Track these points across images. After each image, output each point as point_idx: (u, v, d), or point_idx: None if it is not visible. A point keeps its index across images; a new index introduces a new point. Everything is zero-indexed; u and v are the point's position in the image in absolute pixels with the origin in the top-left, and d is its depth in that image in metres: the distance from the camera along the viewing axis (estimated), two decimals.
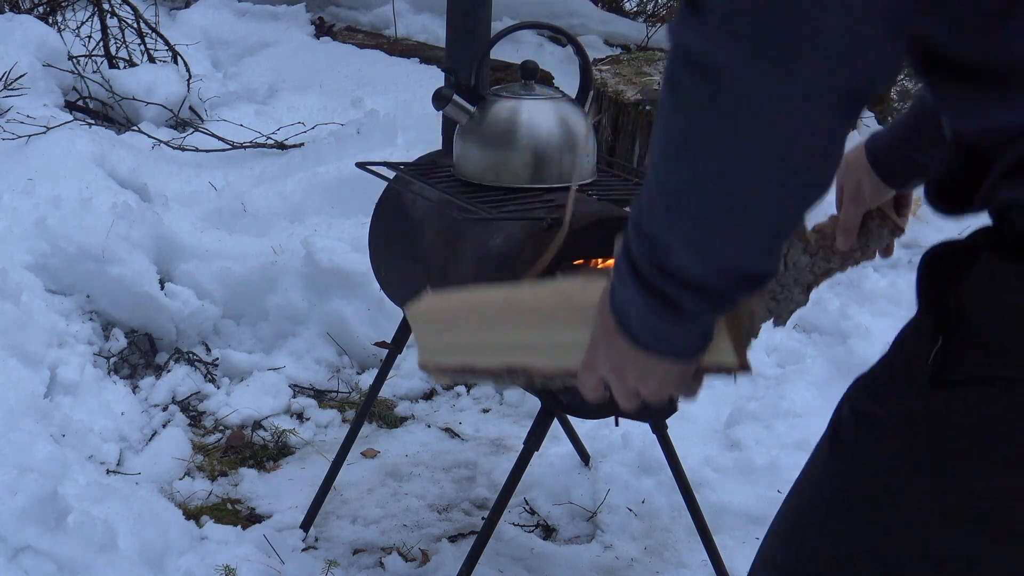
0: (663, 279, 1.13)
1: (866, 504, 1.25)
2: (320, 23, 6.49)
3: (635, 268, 1.15)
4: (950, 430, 1.15)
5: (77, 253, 3.75)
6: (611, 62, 5.36)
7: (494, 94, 2.51)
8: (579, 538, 3.07)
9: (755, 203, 1.07)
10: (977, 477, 1.14)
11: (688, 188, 1.08)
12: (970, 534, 1.17)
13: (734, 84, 1.03)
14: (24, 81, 4.72)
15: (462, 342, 1.56)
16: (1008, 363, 1.10)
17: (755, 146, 1.05)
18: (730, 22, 1.03)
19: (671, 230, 1.10)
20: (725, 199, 1.07)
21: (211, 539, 2.95)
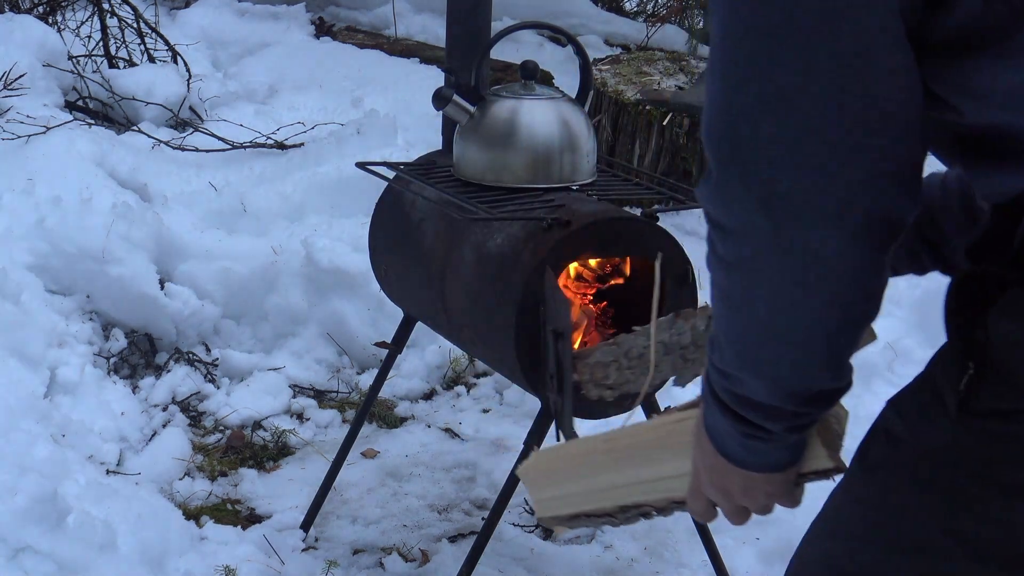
0: (743, 407, 1.20)
1: (884, 525, 1.25)
2: (320, 23, 6.49)
3: (718, 398, 1.23)
4: (971, 458, 1.15)
5: (77, 253, 3.75)
6: (611, 62, 5.36)
7: (494, 94, 2.51)
8: (579, 538, 3.07)
9: (811, 339, 1.14)
10: (990, 505, 1.15)
11: (745, 333, 1.17)
12: (979, 561, 1.17)
13: (756, 241, 1.09)
14: (24, 81, 4.72)
15: (573, 491, 1.62)
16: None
17: (794, 292, 1.11)
18: (741, 184, 1.08)
19: (740, 367, 1.18)
20: (781, 340, 1.15)
21: (211, 539, 2.95)
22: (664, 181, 2.74)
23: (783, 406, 1.19)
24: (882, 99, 1.04)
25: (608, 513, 1.59)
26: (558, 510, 1.67)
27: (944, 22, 1.07)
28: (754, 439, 1.23)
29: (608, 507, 1.58)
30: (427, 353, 3.90)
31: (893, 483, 1.25)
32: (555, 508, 1.67)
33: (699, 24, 7.47)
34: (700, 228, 4.80)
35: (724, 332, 1.19)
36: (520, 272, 2.30)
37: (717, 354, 1.20)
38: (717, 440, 1.28)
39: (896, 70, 1.05)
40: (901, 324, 4.07)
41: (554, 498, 1.67)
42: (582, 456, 1.63)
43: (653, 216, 2.41)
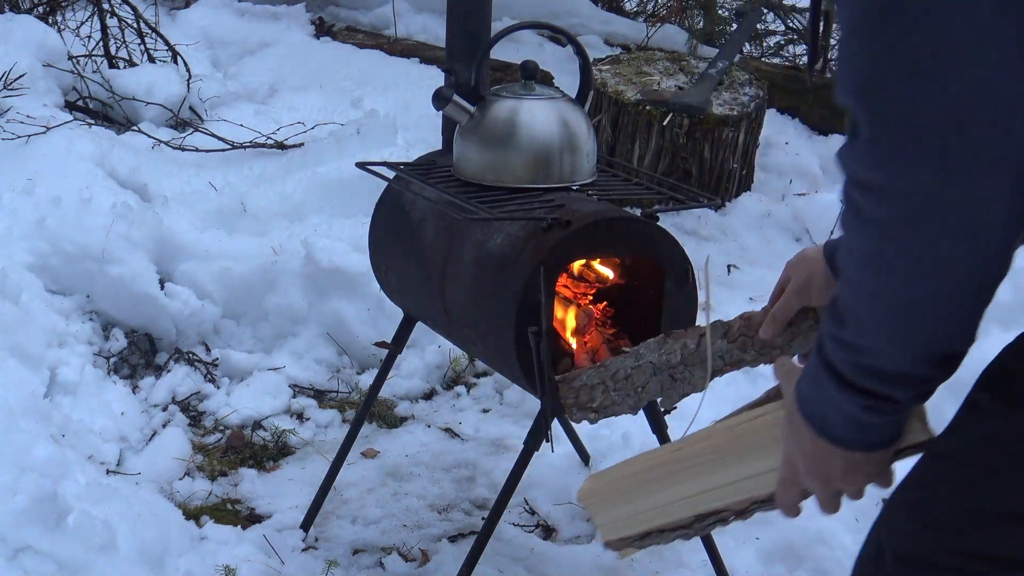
0: (870, 379, 1.22)
1: (976, 483, 1.28)
2: (320, 23, 6.48)
3: (837, 373, 1.23)
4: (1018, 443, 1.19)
5: (77, 253, 3.75)
6: (611, 62, 5.36)
7: (494, 94, 2.51)
8: (579, 538, 3.07)
9: (964, 297, 1.18)
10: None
11: (896, 296, 1.17)
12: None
13: (918, 198, 1.08)
14: (24, 81, 4.72)
15: (641, 508, 1.60)
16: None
17: (956, 248, 1.13)
18: (903, 139, 1.07)
19: (878, 334, 1.19)
20: (936, 299, 1.16)
21: (211, 539, 2.95)
22: (664, 181, 2.74)
23: (918, 371, 1.21)
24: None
25: (683, 525, 1.56)
26: (626, 530, 1.62)
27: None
28: (874, 412, 1.25)
29: (683, 518, 1.54)
30: (427, 353, 3.91)
31: (957, 448, 1.30)
32: (622, 529, 1.63)
33: (699, 24, 7.47)
34: (700, 228, 4.82)
35: (866, 300, 1.19)
36: (520, 272, 2.30)
37: (850, 328, 1.20)
38: (820, 422, 1.29)
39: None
40: None
41: (620, 519, 1.63)
42: (647, 470, 1.60)
43: (653, 216, 2.41)
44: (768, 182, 5.27)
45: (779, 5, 7.47)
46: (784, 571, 2.94)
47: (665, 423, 2.60)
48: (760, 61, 6.61)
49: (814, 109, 5.72)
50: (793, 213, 4.99)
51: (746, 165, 5.11)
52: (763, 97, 5.13)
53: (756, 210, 5.02)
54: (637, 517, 1.60)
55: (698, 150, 4.91)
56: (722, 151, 4.96)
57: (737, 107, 4.99)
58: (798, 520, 3.16)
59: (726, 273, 4.66)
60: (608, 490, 1.65)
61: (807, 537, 2.99)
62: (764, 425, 1.35)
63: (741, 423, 1.46)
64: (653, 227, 2.40)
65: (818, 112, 5.71)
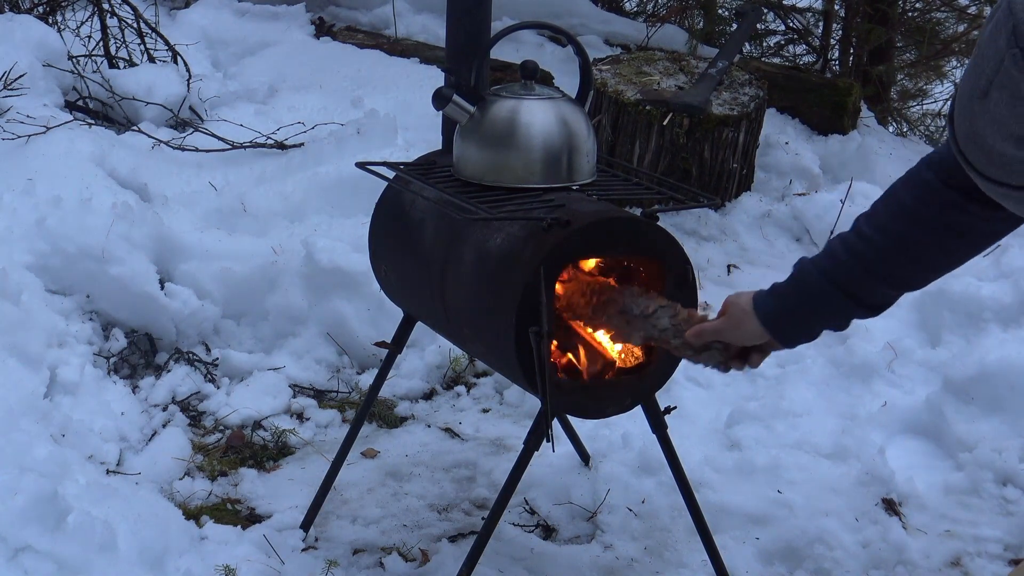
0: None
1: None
2: (320, 23, 6.48)
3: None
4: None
5: (77, 253, 3.75)
6: (611, 62, 5.36)
7: (494, 94, 2.51)
8: (579, 538, 3.07)
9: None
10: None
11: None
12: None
13: None
14: (24, 81, 4.72)
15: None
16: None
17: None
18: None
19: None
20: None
21: (211, 539, 2.95)
22: (664, 181, 2.74)
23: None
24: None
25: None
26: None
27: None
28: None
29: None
30: (427, 353, 3.90)
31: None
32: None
33: (699, 24, 7.48)
34: (700, 228, 4.83)
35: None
36: (520, 272, 2.30)
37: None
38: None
39: None
40: (901, 324, 4.07)
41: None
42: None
43: (653, 216, 2.41)
44: (768, 182, 5.27)
45: (779, 5, 7.47)
46: (784, 571, 2.95)
47: (665, 423, 2.60)
48: (760, 61, 6.61)
49: (814, 109, 5.72)
50: (793, 213, 5.00)
51: (746, 165, 5.11)
52: (763, 97, 5.13)
53: (756, 210, 5.02)
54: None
55: (698, 150, 4.91)
56: (722, 151, 4.95)
57: (737, 107, 4.99)
58: (798, 520, 3.18)
59: (726, 273, 4.66)
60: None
61: (807, 537, 2.99)
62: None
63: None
64: (653, 227, 2.40)
65: (818, 112, 5.71)
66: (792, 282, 1.98)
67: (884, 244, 1.86)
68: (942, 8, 7.50)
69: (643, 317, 2.25)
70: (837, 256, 1.91)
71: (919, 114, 8.27)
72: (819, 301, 1.95)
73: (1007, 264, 4.15)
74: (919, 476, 3.31)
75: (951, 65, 7.91)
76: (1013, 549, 3.08)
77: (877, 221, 1.88)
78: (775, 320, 2.01)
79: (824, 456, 3.38)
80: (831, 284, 1.92)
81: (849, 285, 1.91)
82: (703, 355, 2.15)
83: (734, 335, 2.08)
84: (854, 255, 1.89)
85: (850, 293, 1.92)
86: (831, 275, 1.92)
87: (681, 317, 2.19)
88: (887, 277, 1.90)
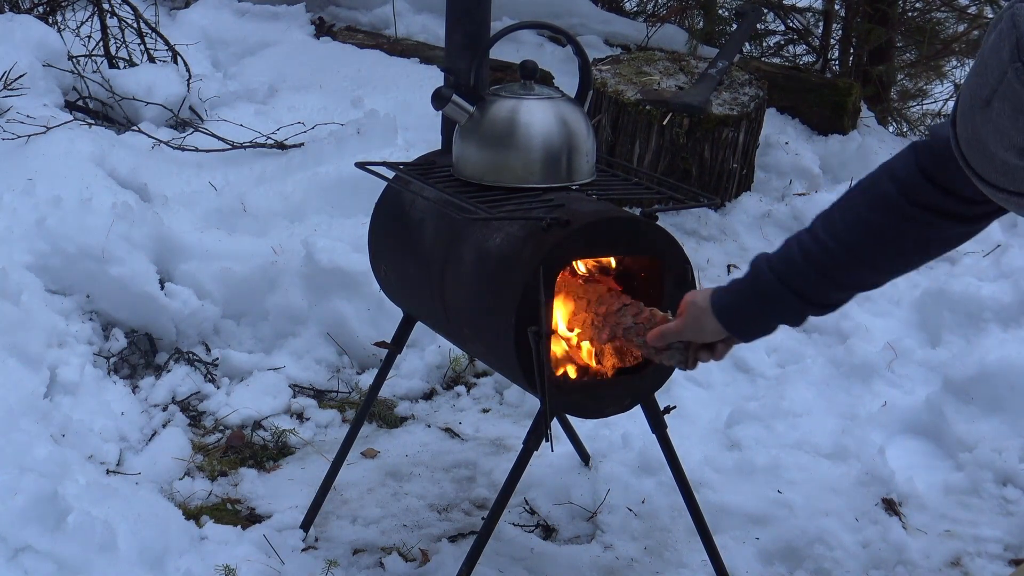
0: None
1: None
2: (320, 23, 6.48)
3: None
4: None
5: (77, 253, 3.75)
6: (611, 62, 5.36)
7: (494, 94, 2.51)
8: (579, 538, 3.07)
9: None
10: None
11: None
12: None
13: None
14: (24, 81, 4.71)
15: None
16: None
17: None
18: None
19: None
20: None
21: (211, 539, 2.95)
22: (664, 181, 2.74)
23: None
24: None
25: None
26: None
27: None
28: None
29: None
30: (427, 353, 3.90)
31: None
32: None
33: (699, 24, 7.47)
34: (700, 228, 4.82)
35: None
36: (520, 272, 2.30)
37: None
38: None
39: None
40: (901, 324, 4.07)
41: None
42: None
43: (653, 216, 2.41)
44: (768, 182, 5.27)
45: (779, 5, 7.47)
46: (784, 571, 2.95)
47: (665, 423, 2.60)
48: (760, 61, 6.61)
49: (814, 109, 5.72)
50: (793, 213, 4.99)
51: (746, 165, 5.11)
52: (763, 97, 5.12)
53: (756, 210, 5.02)
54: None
55: (698, 150, 4.91)
56: (722, 151, 4.95)
57: (737, 107, 4.99)
58: (798, 520, 3.18)
59: (726, 273, 4.66)
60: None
61: (807, 537, 2.99)
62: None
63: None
64: (653, 227, 2.40)
65: (818, 112, 5.71)
66: (747, 280, 2.04)
67: (839, 251, 1.92)
68: (942, 8, 7.50)
69: (608, 315, 2.31)
70: (792, 259, 1.97)
71: (919, 114, 8.27)
72: (772, 301, 2.01)
73: (1007, 264, 4.15)
74: (919, 476, 3.31)
75: (951, 65, 7.91)
76: (1013, 549, 3.08)
77: (834, 228, 1.93)
78: (730, 316, 2.07)
79: (824, 456, 3.38)
80: (783, 285, 1.98)
81: (802, 288, 1.98)
82: (664, 354, 2.19)
83: (695, 333, 2.13)
84: (808, 259, 1.95)
85: (802, 295, 1.98)
86: (784, 277, 1.98)
87: (643, 316, 2.24)
88: (840, 281, 1.97)
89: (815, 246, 1.94)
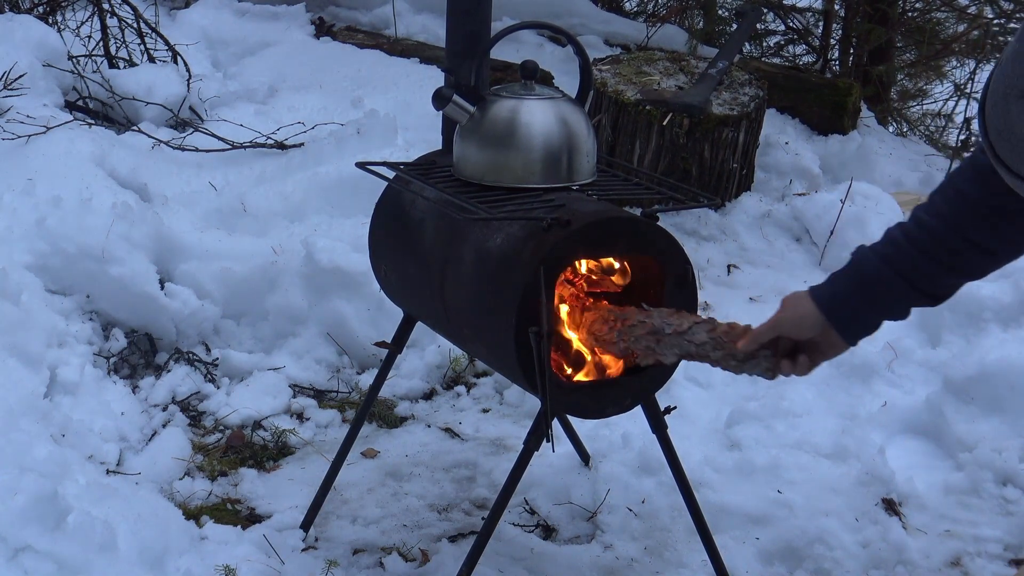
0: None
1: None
2: (320, 23, 6.48)
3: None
4: None
5: (77, 253, 3.75)
6: (611, 62, 5.36)
7: (494, 94, 2.51)
8: (579, 538, 3.07)
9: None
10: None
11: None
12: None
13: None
14: (24, 81, 4.72)
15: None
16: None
17: None
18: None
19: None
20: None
21: (211, 539, 2.95)
22: (664, 181, 2.74)
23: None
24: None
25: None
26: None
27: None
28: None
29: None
30: (427, 353, 3.90)
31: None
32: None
33: (699, 24, 7.48)
34: (700, 228, 4.82)
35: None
36: (520, 272, 2.30)
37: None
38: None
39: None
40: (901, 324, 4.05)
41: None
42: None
43: (653, 216, 2.41)
44: (768, 182, 5.27)
45: (779, 5, 7.47)
46: (784, 571, 2.95)
47: (665, 423, 2.60)
48: (760, 61, 6.61)
49: (814, 109, 5.72)
50: (793, 213, 4.99)
51: (746, 165, 5.11)
52: (763, 97, 5.13)
53: (756, 210, 5.02)
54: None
55: (698, 150, 4.91)
56: (722, 151, 4.95)
57: (737, 107, 4.99)
58: (798, 520, 3.18)
59: (726, 273, 4.66)
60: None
61: (807, 537, 2.99)
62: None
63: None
64: (653, 227, 2.40)
65: (818, 112, 5.71)
66: (850, 268, 1.94)
67: (940, 228, 1.83)
68: (942, 8, 7.50)
69: (677, 335, 2.21)
70: (896, 242, 1.88)
71: (919, 114, 8.27)
72: (877, 287, 1.90)
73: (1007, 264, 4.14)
74: (919, 476, 3.31)
75: (951, 65, 7.91)
76: (1013, 549, 3.08)
77: (934, 207, 1.84)
78: (831, 303, 1.95)
79: (824, 456, 3.38)
80: (890, 269, 1.88)
81: (908, 271, 1.87)
82: (748, 364, 2.10)
83: (790, 322, 2.00)
84: (912, 241, 1.86)
85: (908, 278, 1.88)
86: (890, 260, 1.88)
87: (721, 330, 2.15)
88: (944, 262, 1.86)
89: (916, 227, 1.86)
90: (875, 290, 1.91)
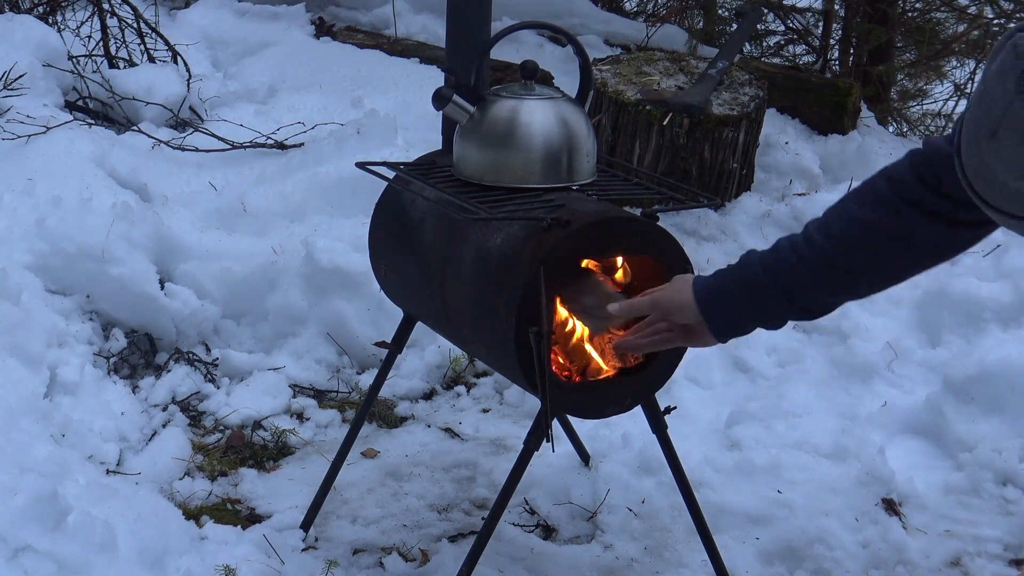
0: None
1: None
2: (320, 23, 6.48)
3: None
4: None
5: (77, 253, 3.75)
6: (611, 62, 5.36)
7: (494, 94, 2.51)
8: (579, 538, 3.07)
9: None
10: None
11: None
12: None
13: None
14: (24, 81, 4.72)
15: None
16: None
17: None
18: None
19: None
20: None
21: (211, 539, 2.95)
22: (664, 181, 2.74)
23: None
24: None
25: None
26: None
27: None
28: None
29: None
30: (427, 353, 3.90)
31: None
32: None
33: (699, 24, 7.47)
34: (700, 228, 4.82)
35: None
36: (520, 272, 2.30)
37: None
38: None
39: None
40: (901, 324, 4.07)
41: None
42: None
43: (653, 216, 2.41)
44: (768, 182, 5.27)
45: (779, 5, 7.47)
46: (784, 571, 2.95)
47: (665, 423, 2.60)
48: (760, 61, 6.61)
49: (814, 109, 5.72)
50: (793, 213, 4.99)
51: (746, 165, 5.11)
52: (763, 97, 5.12)
53: (756, 210, 5.02)
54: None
55: (698, 150, 4.91)
56: (722, 151, 4.95)
57: (737, 107, 4.99)
58: (798, 520, 3.18)
59: None
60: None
61: (807, 537, 2.99)
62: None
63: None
64: (653, 227, 2.40)
65: (818, 112, 5.71)
66: (735, 270, 2.00)
67: (830, 249, 1.89)
68: (942, 8, 7.50)
69: (584, 301, 2.32)
70: (784, 257, 1.93)
71: (919, 114, 8.27)
72: (757, 295, 1.96)
73: (1007, 264, 4.15)
74: (919, 476, 3.31)
75: (951, 65, 7.91)
76: (1013, 549, 3.08)
77: (827, 228, 1.90)
78: (710, 300, 2.01)
79: (824, 456, 3.38)
80: (773, 282, 1.94)
81: (790, 286, 1.93)
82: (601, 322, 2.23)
83: (668, 304, 2.07)
84: (800, 257, 1.91)
85: (789, 294, 1.94)
86: (775, 273, 1.94)
87: (602, 291, 2.25)
88: (828, 283, 1.93)
89: (807, 245, 1.91)
90: (754, 298, 1.96)
